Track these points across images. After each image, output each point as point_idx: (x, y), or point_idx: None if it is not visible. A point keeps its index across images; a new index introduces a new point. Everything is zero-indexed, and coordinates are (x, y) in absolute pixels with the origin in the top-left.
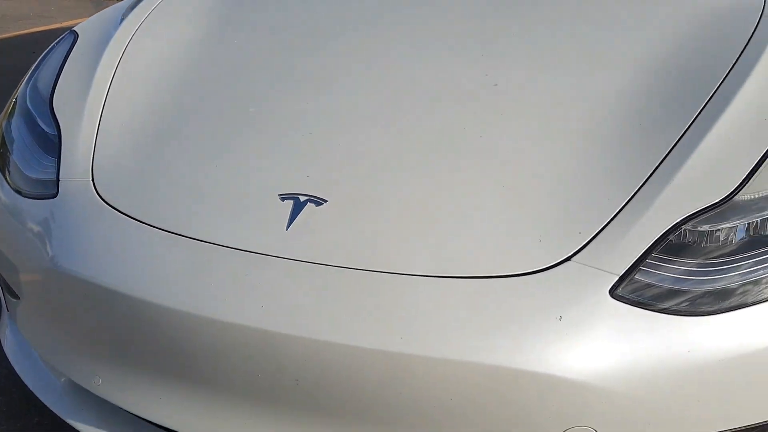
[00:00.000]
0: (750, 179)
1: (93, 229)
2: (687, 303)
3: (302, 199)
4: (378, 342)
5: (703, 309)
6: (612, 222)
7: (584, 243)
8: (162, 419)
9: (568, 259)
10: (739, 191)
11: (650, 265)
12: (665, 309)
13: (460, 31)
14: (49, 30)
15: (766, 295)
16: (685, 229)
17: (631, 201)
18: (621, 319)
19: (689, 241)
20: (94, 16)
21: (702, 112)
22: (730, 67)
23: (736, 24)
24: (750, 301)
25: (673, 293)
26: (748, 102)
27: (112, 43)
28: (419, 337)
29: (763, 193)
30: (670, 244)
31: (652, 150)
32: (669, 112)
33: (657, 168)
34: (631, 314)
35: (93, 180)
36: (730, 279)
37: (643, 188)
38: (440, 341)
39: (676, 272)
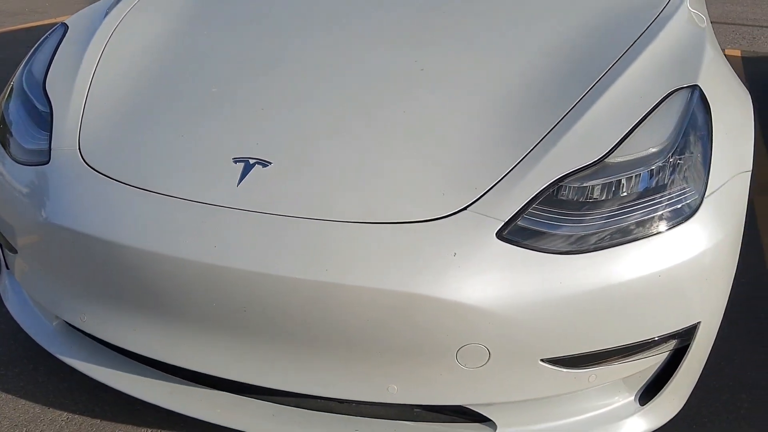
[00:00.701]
0: (619, 146)
1: (79, 188)
2: (560, 244)
3: (251, 161)
4: (308, 273)
5: (572, 249)
6: (503, 179)
7: (478, 196)
8: (136, 347)
9: (465, 209)
10: (609, 155)
11: (532, 214)
12: (542, 249)
13: (398, 25)
14: (42, 25)
15: (621, 240)
16: (563, 185)
17: (521, 162)
18: (505, 256)
19: (565, 195)
20: (83, 9)
21: (588, 93)
22: (619, 57)
23: (632, 21)
24: (609, 244)
25: (549, 236)
26: (626, 85)
27: (97, 33)
28: (341, 269)
29: (628, 158)
30: (550, 197)
31: (542, 122)
32: (561, 91)
33: (545, 136)
34: (514, 252)
35: (79, 148)
36: (595, 226)
37: (531, 152)
38: (358, 272)
39: (553, 219)
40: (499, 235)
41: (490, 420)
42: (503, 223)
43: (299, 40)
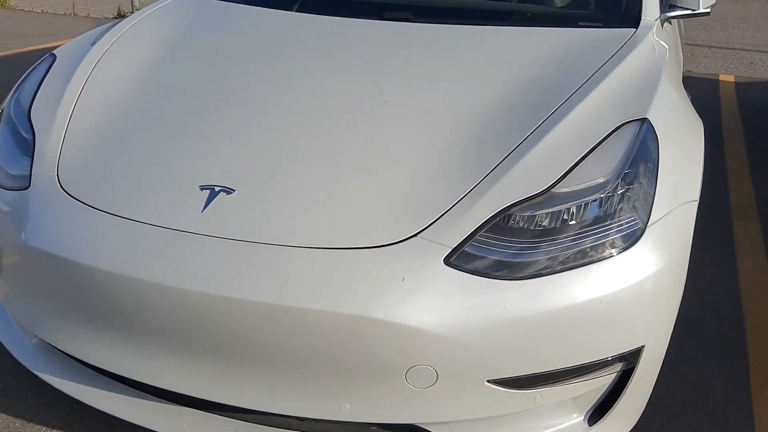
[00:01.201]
0: (565, 177)
1: (54, 212)
2: (505, 270)
3: (217, 189)
4: (263, 296)
5: (517, 275)
6: (452, 208)
7: (428, 224)
8: (106, 364)
9: (415, 235)
10: (555, 185)
11: (479, 241)
12: (488, 274)
13: (367, 61)
14: (50, 47)
15: (564, 267)
16: (511, 214)
17: (471, 192)
18: (452, 281)
19: (513, 223)
20: (71, 41)
21: (540, 125)
22: (574, 91)
23: (592, 56)
24: (552, 270)
25: (495, 262)
26: (578, 118)
27: (81, 65)
28: (294, 292)
29: (575, 188)
30: (497, 225)
31: (495, 153)
32: (516, 124)
33: (496, 167)
34: (460, 277)
35: (57, 174)
36: (540, 253)
37: (482, 182)
38: (310, 295)
39: (500, 246)
40: (447, 261)
41: None
42: (450, 250)
43: (270, 74)
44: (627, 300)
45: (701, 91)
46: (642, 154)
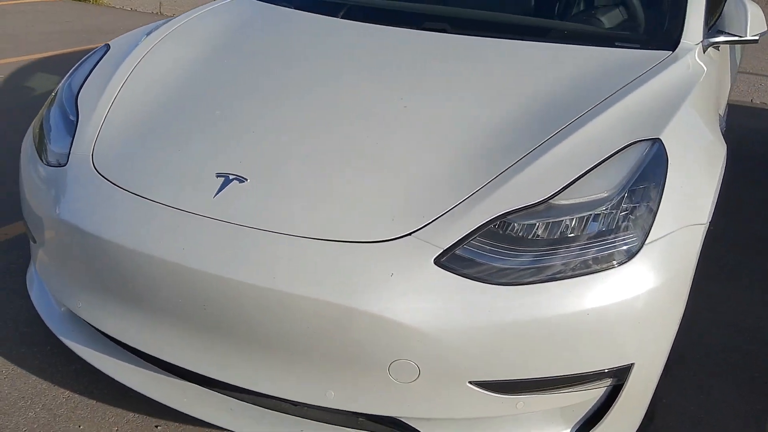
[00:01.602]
0: (565, 189)
1: (85, 189)
2: (494, 275)
3: (231, 177)
4: (258, 279)
5: (505, 281)
6: (450, 211)
7: (424, 224)
8: (117, 334)
9: (409, 234)
10: (554, 197)
11: (472, 245)
12: (476, 277)
13: (394, 69)
14: None
15: (553, 277)
16: (507, 221)
17: (470, 197)
18: (439, 281)
19: (508, 230)
20: (127, 33)
21: (550, 138)
22: (590, 108)
23: (619, 76)
24: (541, 279)
25: (486, 267)
26: (588, 134)
27: (130, 56)
28: (287, 279)
29: (574, 201)
30: (492, 231)
31: (501, 162)
32: (526, 136)
33: (498, 175)
34: (448, 278)
35: (92, 155)
36: (531, 262)
37: (482, 189)
38: (301, 282)
39: (492, 252)
40: (437, 261)
41: None
42: (442, 251)
43: (300, 75)
44: (616, 316)
45: None
46: (649, 173)
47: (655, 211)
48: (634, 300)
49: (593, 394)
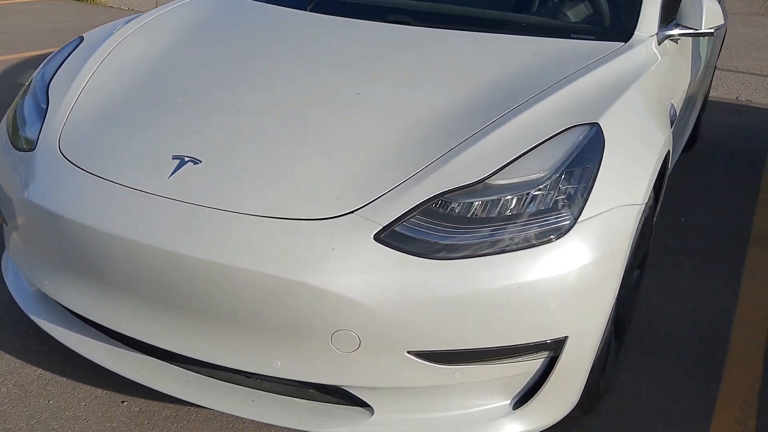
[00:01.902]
0: (503, 169)
1: (50, 172)
2: (431, 250)
3: (186, 159)
4: (207, 254)
5: (440, 256)
6: (391, 190)
7: (366, 203)
8: (81, 310)
9: (351, 212)
10: (491, 177)
11: (411, 222)
12: (414, 253)
13: (351, 58)
14: None
15: (487, 252)
16: (445, 200)
17: (411, 177)
18: (379, 256)
19: (446, 208)
20: (101, 26)
21: (492, 123)
22: (535, 94)
23: (567, 65)
24: (475, 254)
25: (423, 243)
26: (528, 120)
27: (100, 48)
28: (234, 253)
29: (511, 181)
30: (431, 209)
31: (444, 145)
32: (470, 121)
33: (440, 157)
34: (387, 253)
35: (59, 140)
36: (467, 238)
37: (424, 169)
38: (248, 257)
39: (429, 228)
40: (377, 237)
41: (369, 405)
42: (381, 227)
43: (262, 66)
44: (549, 290)
45: (758, 121)
46: (585, 155)
47: (589, 192)
48: (566, 275)
49: (530, 366)
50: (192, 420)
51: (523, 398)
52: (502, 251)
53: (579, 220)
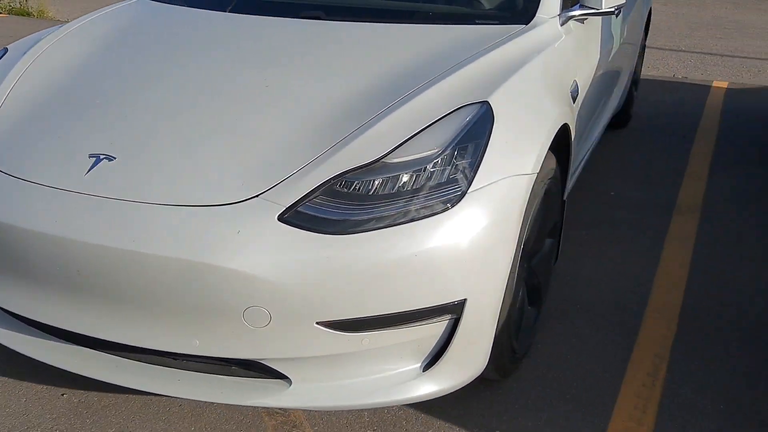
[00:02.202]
0: (398, 149)
1: None
2: (333, 227)
3: (101, 156)
4: (120, 243)
5: (342, 231)
6: (294, 174)
7: (270, 186)
8: (12, 307)
9: (256, 196)
10: (387, 156)
11: (314, 202)
12: (316, 230)
13: (263, 53)
14: None
15: (385, 225)
16: (345, 179)
17: (313, 161)
18: (283, 235)
19: (346, 188)
20: (25, 37)
21: (390, 106)
22: (432, 78)
23: (467, 50)
24: (374, 227)
25: (325, 221)
26: (423, 101)
27: (25, 56)
28: (145, 240)
29: (406, 159)
30: (332, 189)
31: (344, 129)
32: (370, 106)
33: (340, 141)
34: (291, 233)
35: None
36: (366, 213)
37: (325, 153)
38: (159, 243)
39: (332, 207)
40: (281, 218)
41: (287, 377)
42: (285, 208)
43: (175, 64)
44: (443, 257)
45: (692, 97)
46: (475, 131)
47: (479, 164)
48: (459, 242)
49: (435, 329)
50: (129, 407)
51: (433, 360)
52: (400, 223)
53: (470, 191)
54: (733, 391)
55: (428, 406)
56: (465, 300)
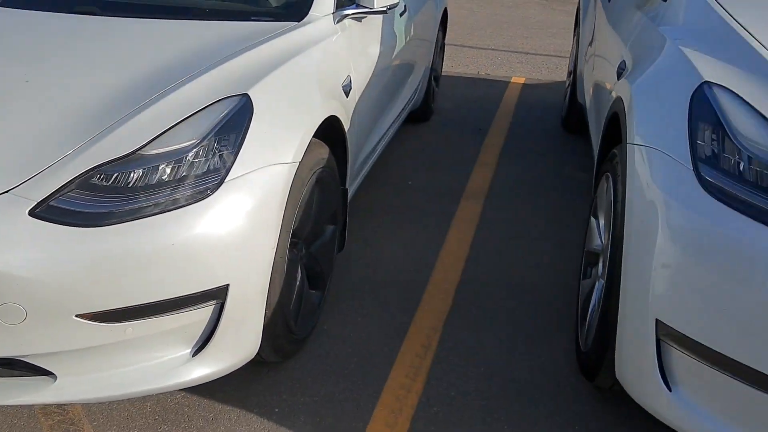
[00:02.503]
0: (154, 141)
1: None
2: (88, 219)
3: None
4: None
5: (96, 224)
6: (48, 168)
7: (21, 182)
8: None
9: (6, 192)
10: (143, 148)
11: (69, 196)
12: (71, 223)
13: (29, 48)
14: None
15: (141, 215)
16: (100, 172)
17: (69, 155)
18: (36, 230)
19: (102, 181)
20: None
21: (150, 100)
22: (191, 75)
23: (236, 45)
24: (130, 218)
25: (81, 214)
26: (183, 95)
27: None
28: None
29: (163, 150)
30: (86, 182)
31: (102, 123)
32: (131, 100)
33: (97, 135)
34: (44, 227)
35: None
36: (121, 204)
37: (81, 147)
38: None
39: (89, 200)
40: (32, 213)
41: (52, 372)
42: (36, 203)
43: None
44: (202, 244)
45: (492, 92)
46: (233, 122)
47: (236, 154)
48: (218, 230)
49: (201, 315)
50: None
51: (203, 345)
52: (156, 213)
53: (227, 179)
54: (494, 356)
55: (210, 392)
56: (228, 285)
